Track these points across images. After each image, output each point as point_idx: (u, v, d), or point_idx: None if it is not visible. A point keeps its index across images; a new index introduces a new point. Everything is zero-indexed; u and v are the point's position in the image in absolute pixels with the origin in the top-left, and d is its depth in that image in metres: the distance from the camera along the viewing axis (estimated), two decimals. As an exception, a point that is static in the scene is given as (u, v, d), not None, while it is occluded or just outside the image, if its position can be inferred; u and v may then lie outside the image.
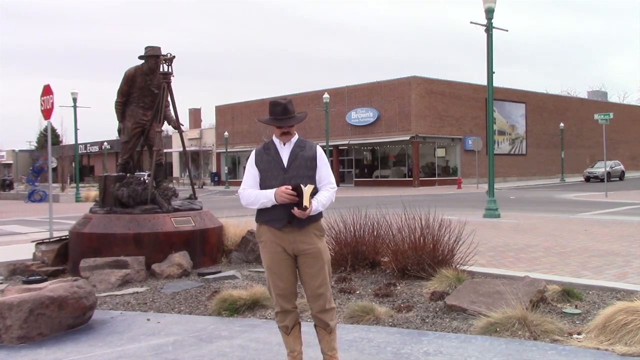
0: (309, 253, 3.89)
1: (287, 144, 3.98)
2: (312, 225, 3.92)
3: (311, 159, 3.97)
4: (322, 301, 3.92)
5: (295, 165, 3.92)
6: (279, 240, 3.88)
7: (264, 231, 3.94)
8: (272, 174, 3.92)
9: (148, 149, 9.42)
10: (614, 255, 8.60)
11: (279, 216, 3.83)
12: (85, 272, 7.51)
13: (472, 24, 17.56)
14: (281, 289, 3.93)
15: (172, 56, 8.89)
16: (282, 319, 3.99)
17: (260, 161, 3.98)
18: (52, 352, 4.80)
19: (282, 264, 3.91)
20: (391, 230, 7.57)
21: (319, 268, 3.91)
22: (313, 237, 3.92)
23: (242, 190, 3.98)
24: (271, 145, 4.02)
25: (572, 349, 4.50)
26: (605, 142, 26.14)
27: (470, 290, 5.84)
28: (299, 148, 3.99)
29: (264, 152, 4.02)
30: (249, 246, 8.84)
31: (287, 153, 3.96)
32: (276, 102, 3.94)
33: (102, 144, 67.97)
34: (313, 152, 4.00)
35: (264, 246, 3.97)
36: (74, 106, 32.17)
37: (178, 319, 5.77)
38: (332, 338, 4.01)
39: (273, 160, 3.95)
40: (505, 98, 47.10)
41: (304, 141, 4.06)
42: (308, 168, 3.94)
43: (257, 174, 3.98)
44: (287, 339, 4.03)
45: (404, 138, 41.69)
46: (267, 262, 3.96)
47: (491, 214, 15.64)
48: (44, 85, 11.59)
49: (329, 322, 3.95)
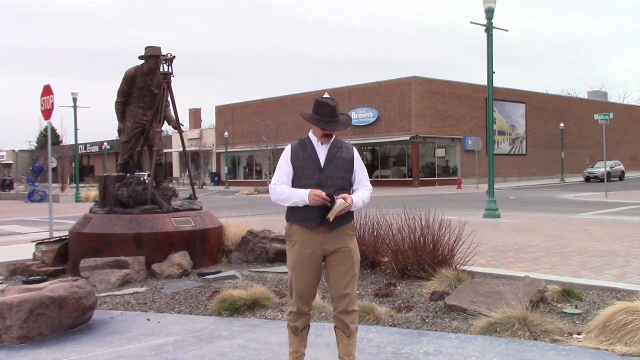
0: (340, 253, 3.84)
1: (324, 143, 3.91)
2: (345, 226, 3.87)
3: (348, 161, 3.92)
4: (347, 302, 3.84)
5: (332, 165, 3.86)
6: (311, 240, 3.81)
7: (295, 230, 3.87)
8: (308, 173, 3.84)
9: (148, 149, 9.42)
10: (614, 255, 8.60)
11: (313, 216, 3.77)
12: (85, 272, 7.51)
13: (472, 24, 17.58)
14: (301, 291, 3.86)
15: (172, 56, 8.89)
16: (294, 319, 3.93)
17: (296, 158, 3.88)
18: (52, 352, 4.80)
19: (307, 266, 3.84)
20: (391, 230, 7.57)
21: (348, 267, 3.85)
22: (345, 237, 3.87)
23: (273, 185, 3.89)
24: (308, 143, 3.93)
25: (572, 349, 4.50)
26: (605, 142, 26.14)
27: (470, 290, 5.84)
28: (336, 148, 3.92)
29: (300, 149, 3.91)
30: (249, 246, 8.84)
31: (324, 152, 3.89)
32: (325, 103, 3.86)
33: (102, 144, 67.94)
34: (350, 155, 3.95)
35: (292, 245, 3.89)
36: (74, 106, 32.18)
37: (178, 319, 5.76)
38: (351, 342, 3.91)
39: (309, 159, 3.86)
40: (505, 98, 47.10)
41: (340, 141, 3.98)
42: (345, 170, 3.89)
43: (290, 170, 3.88)
44: (294, 339, 3.97)
45: (404, 138, 41.69)
46: (292, 262, 3.89)
47: (491, 214, 15.64)
48: (44, 86, 11.59)
49: (349, 324, 3.87)
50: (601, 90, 74.25)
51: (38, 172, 35.22)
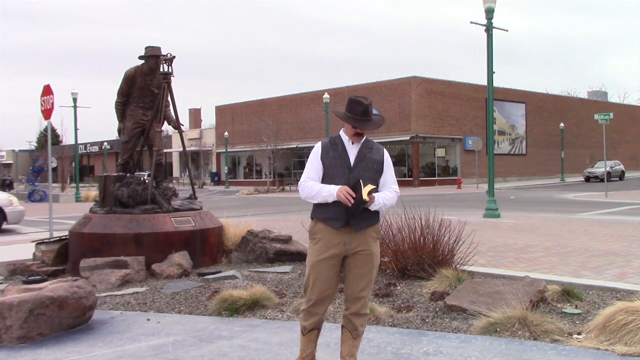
0: (362, 254, 3.79)
1: (355, 143, 3.86)
2: (370, 228, 3.83)
3: (378, 162, 3.88)
4: (360, 304, 3.83)
5: (361, 166, 3.82)
6: (335, 240, 3.76)
7: (320, 228, 3.81)
8: (338, 172, 3.80)
9: (148, 149, 9.42)
10: (614, 255, 8.60)
11: (339, 215, 3.73)
12: (85, 272, 7.51)
13: (472, 24, 17.57)
14: (319, 292, 3.79)
15: (172, 56, 8.89)
16: (305, 318, 3.88)
17: (326, 156, 3.84)
18: (52, 352, 4.80)
19: (327, 268, 3.78)
20: (391, 230, 7.57)
21: (368, 270, 3.82)
22: (369, 240, 3.83)
23: (303, 182, 3.84)
24: (338, 141, 3.88)
25: (572, 349, 4.50)
26: (605, 142, 26.15)
27: (470, 290, 5.84)
28: (367, 149, 3.88)
29: (330, 147, 3.87)
30: (249, 246, 8.84)
31: (354, 152, 3.84)
32: (358, 101, 3.80)
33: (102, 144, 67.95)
34: (381, 156, 3.91)
35: (315, 243, 3.83)
36: (74, 106, 32.17)
37: (178, 319, 5.76)
38: (355, 344, 3.91)
39: (340, 157, 3.82)
40: (505, 98, 47.11)
41: (371, 142, 3.94)
42: (375, 171, 3.86)
43: (320, 168, 3.84)
44: (302, 338, 3.94)
45: (404, 138, 41.69)
46: (313, 260, 3.82)
47: (491, 214, 15.65)
48: (44, 86, 11.60)
49: (358, 326, 3.86)
50: (601, 90, 74.28)
51: (38, 172, 35.23)
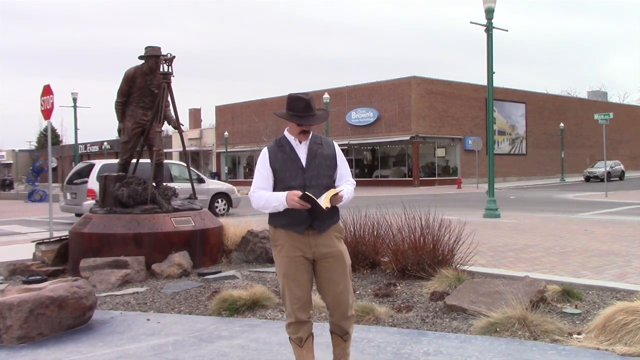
0: (331, 257, 3.64)
1: (303, 141, 3.69)
2: (332, 228, 3.68)
3: (331, 157, 3.73)
4: (344, 308, 3.68)
5: (314, 164, 3.65)
6: (298, 244, 3.59)
7: (281, 235, 3.63)
8: (290, 175, 3.62)
9: (148, 149, 9.42)
10: (614, 255, 8.60)
11: (299, 220, 3.56)
12: (85, 272, 7.51)
13: (472, 24, 17.59)
14: (298, 298, 3.60)
15: (172, 56, 8.89)
16: (295, 331, 3.67)
17: (275, 160, 3.65)
18: (52, 352, 4.80)
19: (300, 270, 3.61)
20: (391, 230, 7.57)
21: (342, 272, 3.67)
22: (334, 240, 3.68)
23: (252, 193, 3.66)
24: (285, 143, 3.70)
25: (572, 349, 4.50)
26: (605, 142, 26.15)
27: (470, 290, 5.84)
28: (317, 145, 3.71)
29: (278, 150, 3.68)
30: (249, 246, 8.84)
31: (304, 151, 3.67)
32: (298, 98, 3.63)
33: (102, 144, 67.94)
34: (332, 150, 3.75)
35: (279, 251, 3.65)
36: (74, 106, 32.19)
37: (178, 319, 5.76)
38: (347, 345, 3.82)
39: (290, 159, 3.64)
40: (505, 98, 47.11)
41: (319, 137, 3.77)
42: (328, 167, 3.70)
43: (270, 175, 3.66)
44: (300, 352, 3.70)
45: (404, 138, 41.68)
46: (283, 269, 3.64)
47: (491, 213, 15.64)
48: (44, 86, 11.60)
49: (348, 330, 3.74)
50: (601, 90, 74.23)
51: (38, 172, 35.21)
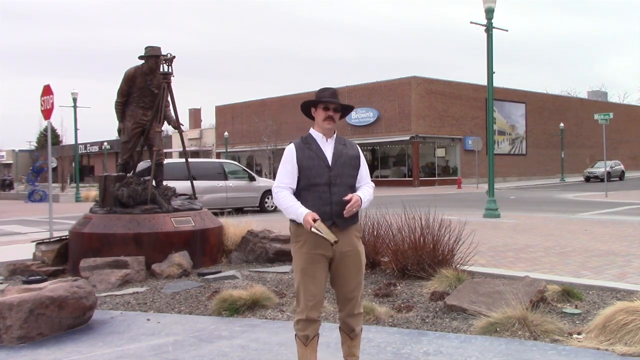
0: (350, 255, 3.72)
1: (329, 140, 3.77)
2: (353, 227, 3.76)
3: (355, 158, 3.83)
4: (352, 305, 3.78)
5: (340, 163, 3.74)
6: (321, 241, 3.58)
7: (303, 231, 3.61)
8: (316, 172, 3.67)
9: (148, 149, 9.42)
10: (614, 255, 8.60)
11: (323, 217, 3.58)
12: (85, 272, 7.51)
13: (472, 24, 17.61)
14: (313, 295, 3.63)
15: (172, 56, 8.89)
16: (303, 328, 3.69)
17: (302, 157, 3.69)
18: (52, 352, 4.80)
19: (319, 267, 3.65)
20: (391, 230, 7.57)
21: (357, 271, 3.76)
22: (354, 239, 3.76)
23: (277, 191, 3.68)
24: (311, 140, 3.78)
25: (572, 349, 4.50)
26: (605, 142, 26.15)
27: (470, 290, 5.84)
28: (342, 145, 3.82)
29: (304, 146, 3.74)
30: (249, 246, 8.84)
31: (330, 150, 3.76)
32: (325, 88, 3.81)
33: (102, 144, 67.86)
34: (356, 151, 3.87)
35: (301, 247, 3.67)
36: (74, 106, 32.13)
37: (178, 319, 5.76)
38: (355, 344, 3.87)
39: (317, 157, 3.70)
40: (505, 98, 47.11)
41: (342, 138, 3.89)
42: (352, 167, 3.79)
43: (295, 170, 3.69)
44: (304, 351, 3.71)
45: (404, 138, 41.69)
46: (302, 264, 3.66)
47: (491, 213, 15.65)
48: (44, 86, 11.60)
49: (354, 327, 3.81)
50: (601, 90, 74.21)
51: (38, 172, 35.18)
